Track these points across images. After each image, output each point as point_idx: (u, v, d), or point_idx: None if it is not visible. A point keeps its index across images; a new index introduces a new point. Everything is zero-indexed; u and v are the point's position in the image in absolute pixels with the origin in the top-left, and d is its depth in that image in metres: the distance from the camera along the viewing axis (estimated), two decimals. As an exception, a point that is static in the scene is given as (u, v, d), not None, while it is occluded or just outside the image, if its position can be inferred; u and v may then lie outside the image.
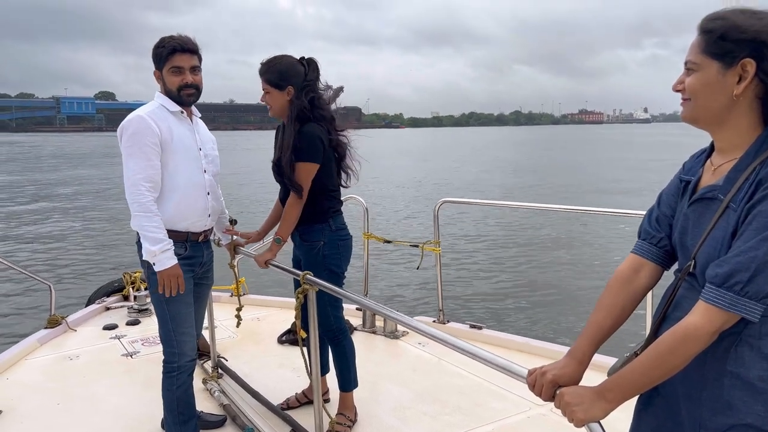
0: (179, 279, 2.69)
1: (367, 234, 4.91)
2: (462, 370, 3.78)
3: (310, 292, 2.54)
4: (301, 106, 2.90)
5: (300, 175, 2.88)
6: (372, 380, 3.74)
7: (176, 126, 2.78)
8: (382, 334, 4.58)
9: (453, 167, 29.32)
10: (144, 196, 2.64)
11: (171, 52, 2.72)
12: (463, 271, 9.37)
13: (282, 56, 2.99)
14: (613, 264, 8.93)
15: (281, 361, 4.11)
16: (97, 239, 12.65)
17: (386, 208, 15.72)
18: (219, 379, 3.73)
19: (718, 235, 1.30)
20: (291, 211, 2.91)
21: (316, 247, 2.97)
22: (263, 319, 5.06)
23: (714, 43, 1.30)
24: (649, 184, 17.22)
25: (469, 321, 4.64)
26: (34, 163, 37.10)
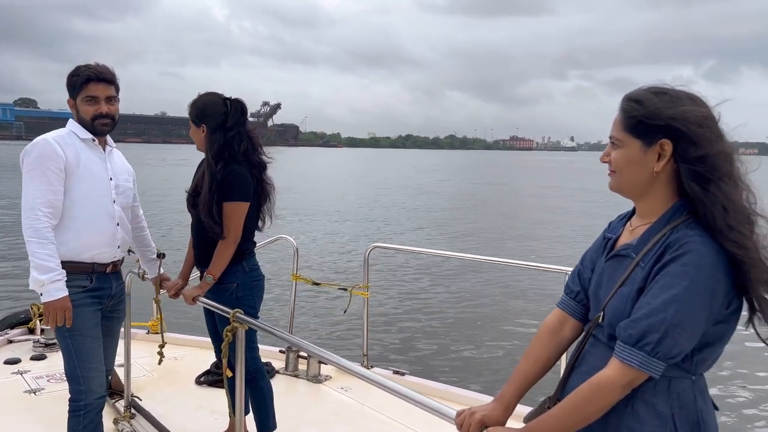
0: (67, 312, 2.56)
1: (295, 275, 4.89)
2: (384, 416, 3.77)
3: (240, 330, 2.51)
4: (218, 145, 2.88)
5: (232, 216, 2.86)
6: (292, 424, 3.67)
7: (84, 153, 2.72)
8: (304, 377, 4.52)
9: (391, 199, 29.56)
10: (40, 221, 2.54)
11: (85, 81, 2.68)
12: (390, 316, 9.40)
13: (206, 94, 2.99)
14: (536, 315, 9.25)
15: (199, 402, 3.97)
16: (2, 270, 11.86)
17: (317, 247, 15.65)
18: (132, 420, 3.56)
19: (626, 291, 1.41)
20: (224, 252, 2.89)
21: (229, 289, 2.95)
22: (181, 358, 4.89)
23: (634, 125, 1.44)
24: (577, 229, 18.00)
25: (392, 367, 4.66)
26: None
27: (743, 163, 1.42)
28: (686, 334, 1.31)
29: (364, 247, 4.88)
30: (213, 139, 2.88)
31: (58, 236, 2.58)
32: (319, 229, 18.80)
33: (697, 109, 1.40)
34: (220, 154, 2.87)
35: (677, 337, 1.30)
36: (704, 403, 1.42)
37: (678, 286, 1.30)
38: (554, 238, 17.30)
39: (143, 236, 3.20)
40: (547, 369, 1.60)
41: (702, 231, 1.35)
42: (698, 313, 1.30)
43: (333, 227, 19.64)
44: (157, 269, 3.21)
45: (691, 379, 1.40)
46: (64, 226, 2.62)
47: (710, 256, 1.32)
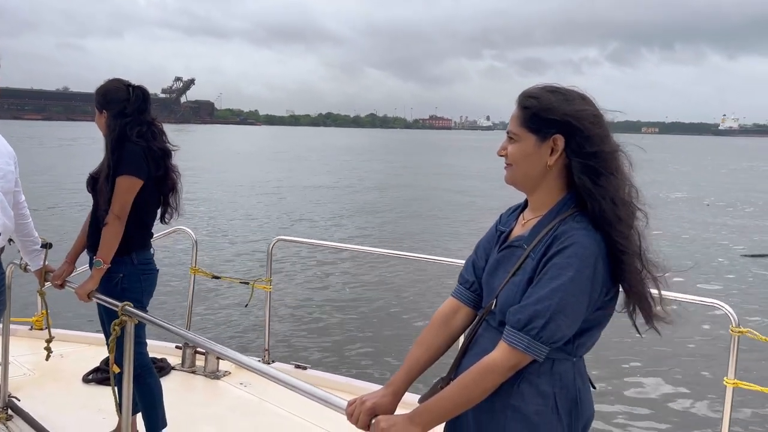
0: None
1: (194, 269, 4.73)
2: (283, 410, 3.73)
3: (129, 324, 2.39)
4: (116, 131, 2.81)
5: (119, 189, 2.74)
6: (187, 421, 3.56)
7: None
8: (202, 374, 4.38)
9: (302, 185, 29.05)
10: None
11: None
12: (294, 309, 9.32)
13: (111, 80, 2.93)
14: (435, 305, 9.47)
15: (85, 401, 3.76)
16: None
17: (220, 239, 15.22)
18: (8, 422, 3.31)
19: (517, 279, 1.50)
20: (110, 230, 2.75)
21: (114, 279, 2.83)
22: (67, 355, 4.59)
23: (530, 120, 1.52)
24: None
25: (294, 361, 4.62)
26: None
27: (628, 160, 1.53)
28: (568, 320, 1.40)
29: (269, 239, 4.80)
30: (113, 125, 2.81)
31: None
32: (222, 220, 18.29)
33: (589, 108, 1.51)
34: (118, 139, 2.80)
35: (560, 323, 1.39)
36: (582, 382, 1.53)
37: (563, 276, 1.39)
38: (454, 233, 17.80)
39: (25, 224, 2.99)
40: (437, 356, 1.65)
41: (587, 224, 1.45)
42: (580, 300, 1.40)
43: (238, 217, 19.20)
44: (41, 260, 3.00)
45: (572, 361, 1.51)
46: None
47: (592, 248, 1.42)
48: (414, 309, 9.71)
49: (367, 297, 10.42)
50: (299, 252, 12.99)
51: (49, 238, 3.18)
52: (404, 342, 8.09)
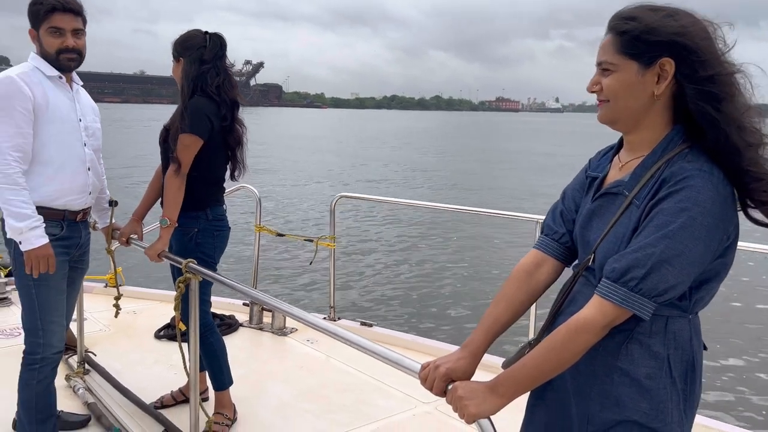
0: (50, 260, 2.42)
1: (259, 226, 4.72)
2: (350, 367, 3.70)
3: (193, 281, 2.35)
4: (192, 77, 2.75)
5: (180, 147, 2.70)
6: (255, 378, 3.58)
7: (53, 92, 2.50)
8: (269, 330, 4.41)
9: (368, 155, 28.99)
10: (10, 166, 2.35)
11: (50, 11, 2.45)
12: (357, 267, 9.33)
13: (189, 30, 2.88)
14: (507, 264, 9.24)
15: (157, 357, 3.83)
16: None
17: (282, 194, 15.38)
18: (85, 376, 3.41)
19: (620, 230, 1.30)
20: (170, 185, 2.72)
21: (189, 233, 2.80)
22: (140, 312, 4.72)
23: (630, 44, 1.29)
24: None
25: (360, 318, 4.58)
26: None
27: (748, 80, 1.29)
28: (675, 271, 1.20)
29: (333, 194, 4.72)
30: (189, 71, 2.76)
31: (28, 182, 2.41)
32: (285, 181, 18.49)
33: (699, 23, 1.27)
34: (193, 86, 2.75)
35: (665, 274, 1.20)
36: (698, 343, 1.34)
37: (672, 223, 1.20)
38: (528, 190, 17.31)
39: (101, 181, 3.00)
40: (519, 314, 1.48)
41: (702, 162, 1.24)
42: (692, 249, 1.20)
43: (300, 179, 19.38)
44: (108, 218, 3.00)
45: (688, 318, 1.32)
46: (34, 172, 2.44)
47: (709, 191, 1.21)
48: (482, 266, 9.54)
49: (432, 254, 10.31)
50: (362, 209, 12.96)
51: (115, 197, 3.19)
52: (471, 300, 7.96)
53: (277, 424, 3.05)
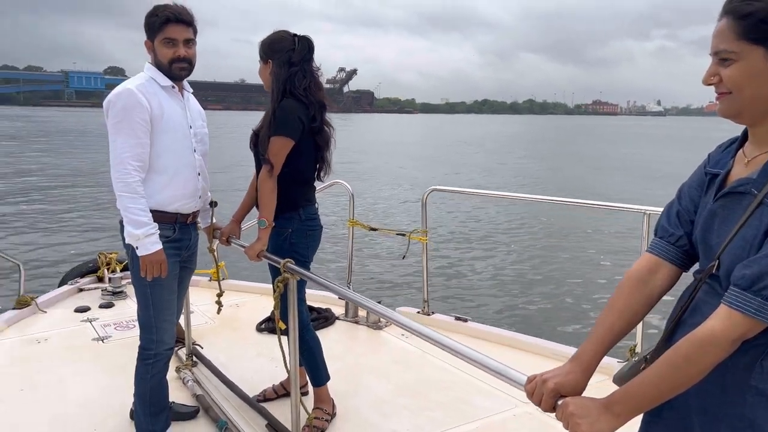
0: (162, 265, 2.56)
1: (352, 221, 4.77)
2: (446, 363, 3.65)
3: (291, 281, 2.39)
4: (281, 80, 2.78)
5: (272, 149, 2.74)
6: (352, 372, 3.62)
7: (167, 102, 2.63)
8: (365, 324, 4.45)
9: (459, 156, 28.62)
10: (131, 176, 2.49)
11: (164, 22, 2.56)
12: (450, 261, 9.24)
13: (276, 31, 2.90)
14: (608, 261, 8.84)
15: (259, 350, 3.96)
16: (74, 220, 12.35)
17: (374, 194, 15.54)
18: (193, 368, 3.58)
19: (749, 234, 1.17)
20: (263, 187, 2.78)
21: (283, 234, 2.85)
22: (242, 305, 4.91)
23: (755, 28, 1.16)
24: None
25: (454, 313, 4.52)
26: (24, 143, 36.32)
27: None
28: None
29: (422, 191, 4.68)
30: (278, 73, 2.80)
31: (146, 188, 2.55)
32: (377, 180, 18.64)
33: None
34: (281, 88, 2.78)
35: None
36: None
37: None
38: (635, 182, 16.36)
39: (208, 184, 3.12)
40: (634, 324, 1.37)
41: None
42: None
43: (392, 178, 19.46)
44: (209, 218, 3.12)
45: None
46: (151, 180, 2.58)
47: None
48: (582, 261, 9.17)
49: (527, 248, 10.04)
50: (454, 203, 12.84)
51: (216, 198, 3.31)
52: (570, 296, 7.68)
53: (375, 420, 3.07)
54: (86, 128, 54.25)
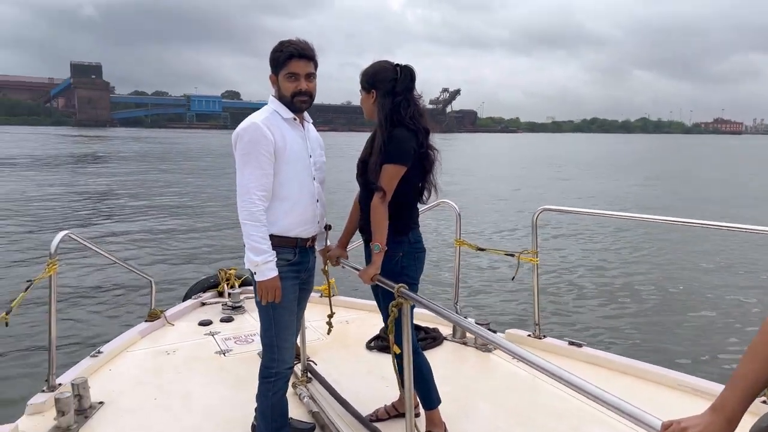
0: (276, 291, 2.70)
1: (459, 241, 4.75)
2: (560, 390, 3.54)
3: (405, 305, 2.43)
4: (387, 109, 2.85)
5: (385, 176, 2.81)
6: (462, 395, 3.59)
7: (289, 133, 2.78)
8: (473, 345, 4.41)
9: (567, 174, 27.51)
10: (255, 204, 2.65)
11: (288, 58, 2.72)
12: (561, 283, 8.94)
13: (377, 61, 2.98)
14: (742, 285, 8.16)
15: (370, 368, 4.03)
16: (198, 239, 13.18)
17: (479, 214, 15.37)
18: (308, 384, 3.70)
19: None
20: (377, 213, 2.84)
21: (394, 258, 2.91)
22: (351, 322, 5.02)
23: None
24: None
25: (567, 337, 4.37)
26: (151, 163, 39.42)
27: None
28: None
29: (531, 211, 4.58)
30: (383, 103, 2.88)
31: (269, 216, 2.71)
32: (482, 196, 18.46)
33: None
34: (390, 118, 2.86)
35: None
36: None
37: None
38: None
39: (325, 210, 3.26)
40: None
41: None
42: None
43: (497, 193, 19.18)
44: (324, 241, 3.25)
45: None
46: (274, 207, 2.74)
47: None
48: (711, 288, 8.54)
49: (645, 271, 9.50)
50: (565, 224, 12.43)
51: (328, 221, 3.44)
52: (693, 324, 7.18)
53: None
54: (206, 149, 57.91)
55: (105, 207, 18.21)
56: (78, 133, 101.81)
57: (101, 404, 3.47)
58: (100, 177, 28.51)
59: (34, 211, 17.21)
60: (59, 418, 3.17)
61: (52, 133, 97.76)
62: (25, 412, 3.36)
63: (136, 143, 68.45)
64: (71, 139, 77.84)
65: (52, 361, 3.59)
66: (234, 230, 12.98)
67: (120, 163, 38.53)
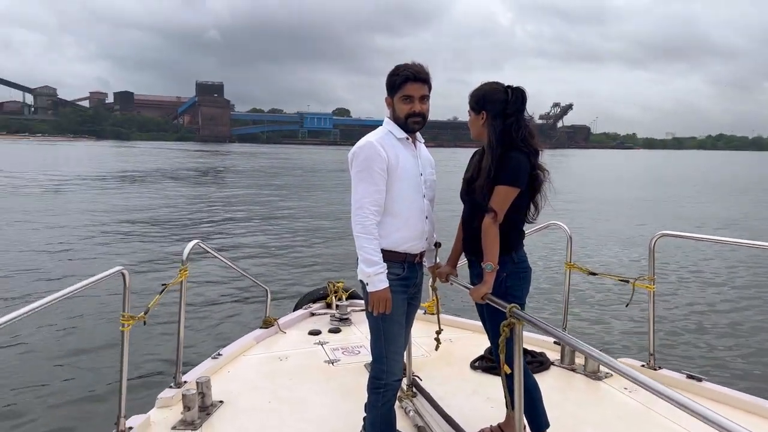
0: (387, 302, 2.79)
1: (569, 264, 4.64)
2: (675, 424, 3.36)
3: (517, 326, 2.44)
4: (498, 131, 2.88)
5: (497, 198, 2.84)
6: (570, 422, 3.50)
7: (402, 152, 2.90)
8: (582, 372, 4.27)
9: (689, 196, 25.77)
10: (368, 219, 2.79)
11: (404, 81, 2.84)
12: (679, 313, 8.41)
13: (487, 83, 3.03)
14: None
15: (475, 387, 4.03)
16: (308, 252, 13.71)
17: (593, 234, 14.80)
18: (413, 398, 3.76)
19: None
20: (488, 233, 2.87)
21: (499, 278, 2.91)
22: (456, 341, 5.03)
23: None
24: None
25: (685, 370, 4.13)
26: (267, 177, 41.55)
27: None
28: None
29: (647, 234, 4.39)
30: (494, 124, 2.92)
31: (380, 230, 2.84)
32: (594, 217, 17.78)
33: None
34: (501, 139, 2.89)
35: None
36: None
37: None
38: None
39: (434, 227, 3.34)
40: None
41: None
42: None
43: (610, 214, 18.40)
44: (434, 258, 3.31)
45: None
46: (385, 222, 2.87)
47: None
48: None
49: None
50: (685, 249, 11.71)
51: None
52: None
53: (597, 477, 2.93)
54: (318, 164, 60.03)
55: (225, 218, 19.42)
56: (200, 148, 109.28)
57: (221, 403, 3.72)
58: (221, 189, 30.48)
59: (165, 219, 18.74)
60: (185, 412, 3.44)
61: (177, 148, 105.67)
62: (155, 404, 3.67)
63: (253, 159, 72.43)
64: (194, 153, 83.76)
65: (179, 360, 3.91)
66: (342, 244, 13.43)
67: (239, 176, 40.99)
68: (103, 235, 15.18)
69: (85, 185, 30.52)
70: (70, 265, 11.55)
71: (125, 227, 16.73)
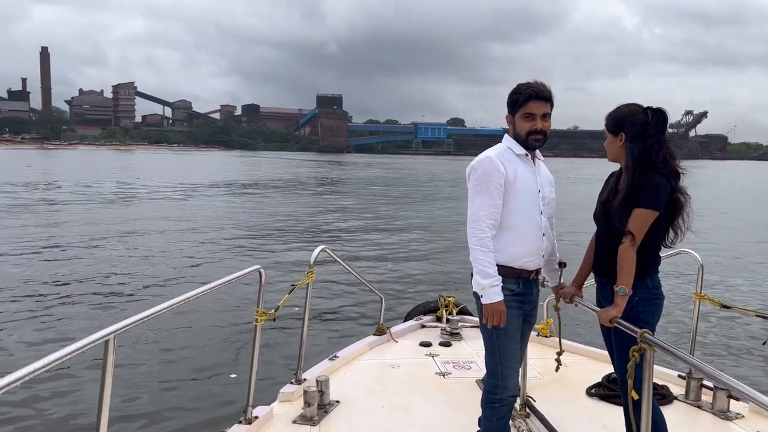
0: (502, 315, 2.81)
1: (699, 295, 4.39)
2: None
3: (648, 352, 2.37)
4: (637, 153, 2.82)
5: (636, 221, 2.77)
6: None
7: (521, 169, 2.93)
8: (709, 410, 4.01)
9: None
10: (483, 231, 2.83)
11: (526, 99, 2.88)
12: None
13: (626, 104, 2.97)
14: None
15: (590, 415, 3.91)
16: (420, 263, 13.82)
17: (726, 264, 13.73)
18: (527, 418, 3.72)
19: None
20: (625, 257, 2.80)
21: (630, 302, 2.82)
22: (571, 366, 4.89)
23: None
24: None
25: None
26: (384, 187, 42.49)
27: None
28: None
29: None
30: (632, 146, 2.87)
31: (495, 244, 2.88)
32: (729, 246, 16.47)
33: None
34: (640, 161, 2.84)
35: None
36: None
37: None
38: None
39: (553, 245, 3.32)
40: None
41: None
42: None
43: (748, 238, 16.93)
44: (558, 278, 3.28)
45: None
46: (501, 236, 2.90)
47: None
48: None
49: None
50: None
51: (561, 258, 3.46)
52: None
53: None
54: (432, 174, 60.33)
55: (342, 227, 20.07)
56: (319, 158, 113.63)
57: (338, 402, 3.89)
58: (340, 199, 31.58)
59: (289, 225, 19.82)
60: (305, 408, 3.64)
61: (298, 158, 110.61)
62: (277, 398, 3.91)
63: (370, 169, 74.24)
64: (313, 163, 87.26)
65: (301, 358, 4.13)
66: (454, 259, 13.44)
67: (355, 186, 42.22)
68: (234, 239, 16.36)
69: (219, 192, 33.29)
70: (206, 267, 12.61)
71: (254, 231, 17.97)
